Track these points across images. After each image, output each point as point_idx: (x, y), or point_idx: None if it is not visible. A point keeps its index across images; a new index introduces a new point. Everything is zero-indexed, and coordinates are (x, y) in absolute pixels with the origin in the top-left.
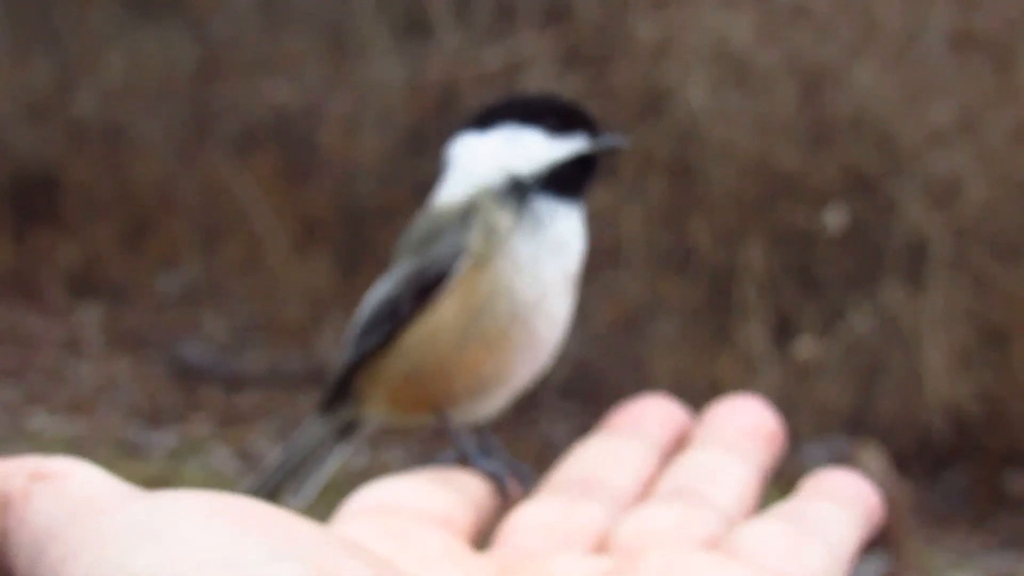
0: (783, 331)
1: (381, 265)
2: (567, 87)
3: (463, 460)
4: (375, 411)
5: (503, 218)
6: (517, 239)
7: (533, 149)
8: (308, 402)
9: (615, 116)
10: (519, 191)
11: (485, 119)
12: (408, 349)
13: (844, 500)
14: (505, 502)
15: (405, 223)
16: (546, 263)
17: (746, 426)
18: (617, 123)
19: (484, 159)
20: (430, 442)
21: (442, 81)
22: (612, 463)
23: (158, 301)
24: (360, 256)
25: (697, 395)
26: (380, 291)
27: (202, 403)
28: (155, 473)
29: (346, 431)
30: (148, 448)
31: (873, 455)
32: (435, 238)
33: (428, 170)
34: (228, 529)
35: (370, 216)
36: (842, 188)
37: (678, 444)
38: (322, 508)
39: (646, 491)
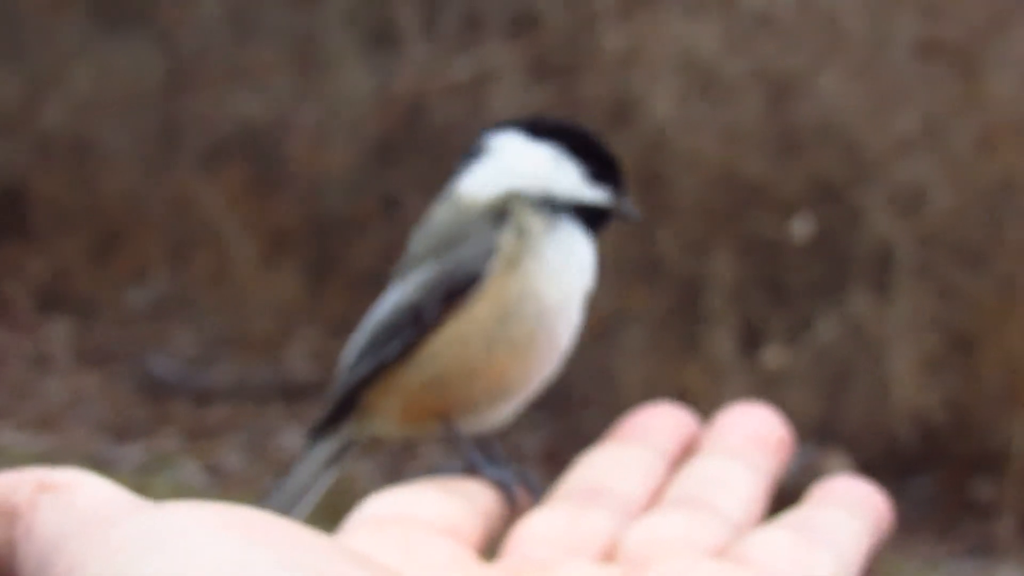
0: (751, 340)
1: (350, 277)
2: (535, 98)
3: (470, 469)
4: (382, 424)
5: (536, 222)
6: (547, 244)
7: (570, 181)
8: (277, 415)
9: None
10: (551, 207)
11: (538, 128)
12: (434, 355)
13: (853, 507)
14: (513, 511)
15: (374, 235)
16: (571, 272)
17: (754, 433)
18: None
19: (528, 165)
20: (399, 455)
21: (410, 93)
22: (620, 471)
23: (127, 315)
24: (329, 268)
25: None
26: (397, 297)
27: (170, 417)
28: (123, 488)
29: (339, 453)
30: (116, 463)
31: (840, 463)
32: (462, 239)
33: (396, 182)
34: (236, 540)
35: (339, 228)
36: (809, 197)
37: (686, 451)
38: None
39: (654, 499)
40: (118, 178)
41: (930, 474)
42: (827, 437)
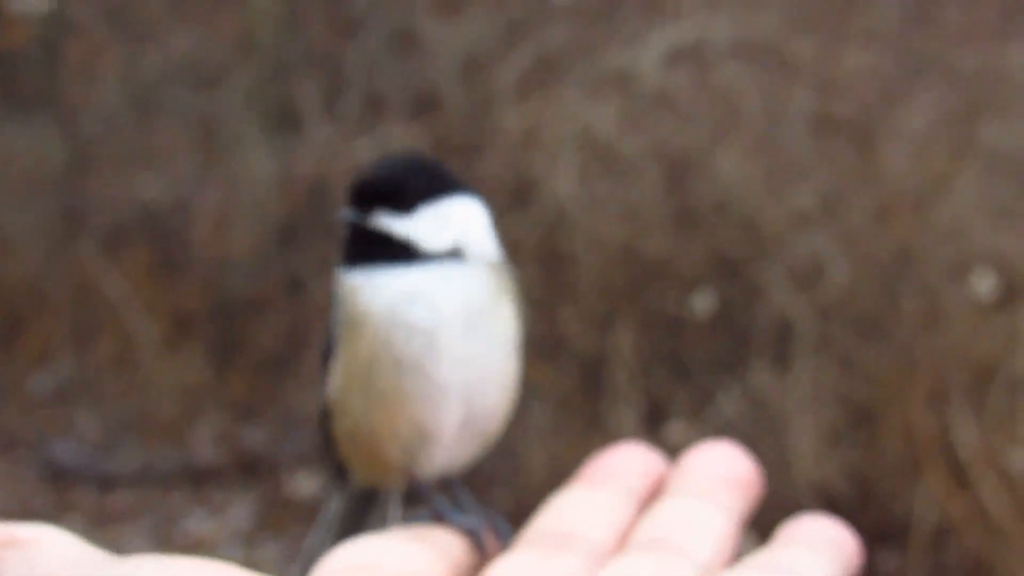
0: (654, 416)
1: (255, 359)
2: None
3: (438, 517)
4: (356, 476)
5: (345, 282)
6: (364, 298)
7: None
8: (182, 499)
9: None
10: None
11: None
12: (333, 414)
13: (821, 546)
14: (482, 557)
15: (278, 317)
16: (415, 311)
17: (722, 473)
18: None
19: None
20: (304, 537)
21: (313, 174)
22: (588, 514)
23: (29, 400)
24: (233, 351)
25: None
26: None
27: (74, 504)
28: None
29: (372, 499)
30: None
31: (744, 537)
32: (333, 308)
33: (300, 263)
34: None
35: (242, 310)
36: (709, 273)
37: (654, 492)
38: None
39: (623, 541)
40: (20, 262)
41: None
42: None
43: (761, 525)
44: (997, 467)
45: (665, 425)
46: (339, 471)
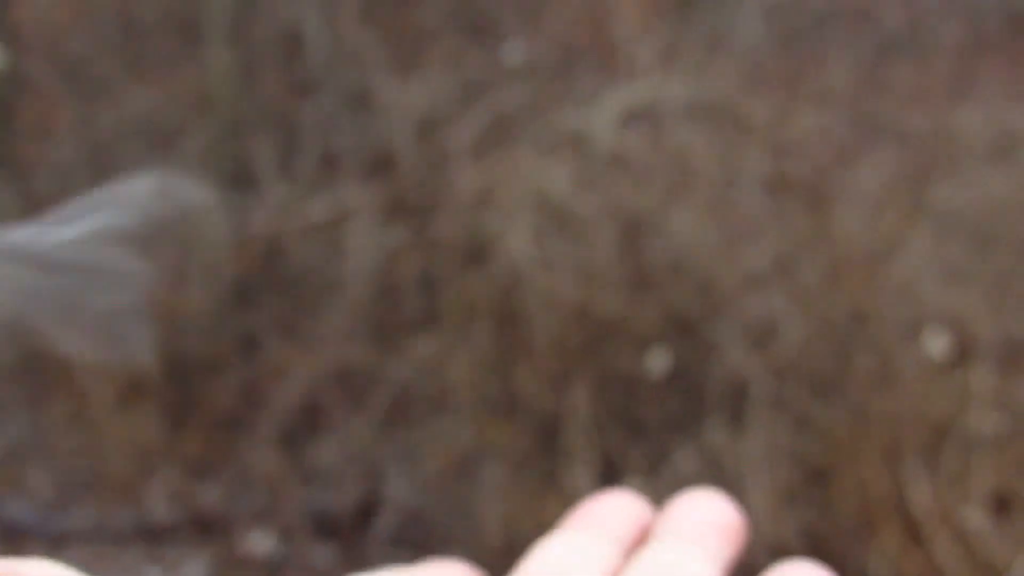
0: (609, 474)
1: (209, 418)
2: (391, 238)
3: None
4: None
5: None
6: None
7: None
8: (136, 557)
9: (439, 265)
10: None
11: None
12: None
13: None
14: None
15: (233, 376)
16: None
17: (707, 519)
18: (442, 272)
19: None
20: None
21: (267, 233)
22: (575, 559)
23: None
24: (187, 409)
25: (526, 540)
26: None
27: None
28: None
29: None
30: None
31: None
32: None
33: (254, 322)
34: None
35: (197, 368)
36: (664, 332)
37: (641, 538)
38: None
39: None
40: None
41: None
42: None
43: None
44: (951, 525)
45: (621, 483)
46: None
